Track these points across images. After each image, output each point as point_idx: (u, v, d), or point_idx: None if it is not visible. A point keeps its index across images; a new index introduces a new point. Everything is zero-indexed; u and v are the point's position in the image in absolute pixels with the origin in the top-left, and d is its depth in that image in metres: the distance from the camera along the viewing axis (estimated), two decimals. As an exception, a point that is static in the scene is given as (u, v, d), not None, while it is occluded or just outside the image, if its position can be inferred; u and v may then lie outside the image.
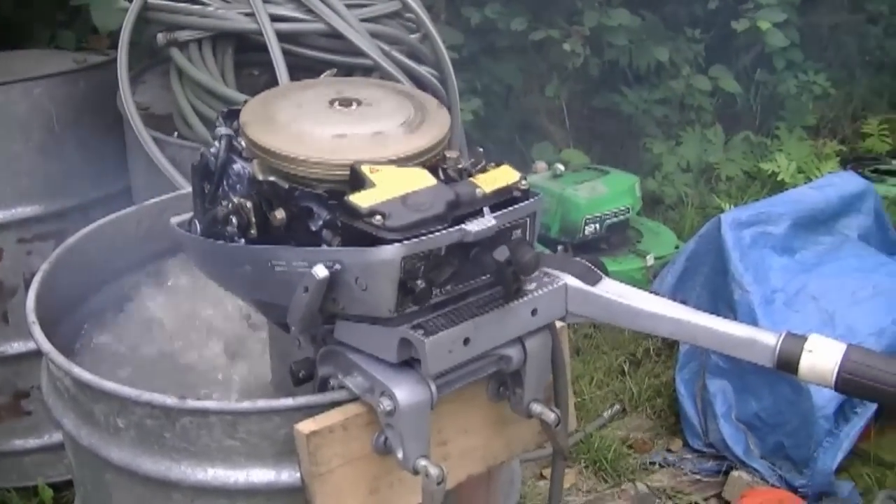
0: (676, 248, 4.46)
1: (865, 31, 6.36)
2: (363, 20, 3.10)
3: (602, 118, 5.67)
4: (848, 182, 4.00)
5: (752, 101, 5.84)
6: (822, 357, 1.51)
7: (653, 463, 3.63)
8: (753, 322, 3.34)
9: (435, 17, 4.51)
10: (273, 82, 2.90)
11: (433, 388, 1.56)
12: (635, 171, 4.96)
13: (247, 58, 3.16)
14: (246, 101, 1.75)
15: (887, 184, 5.24)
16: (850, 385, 1.51)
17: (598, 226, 4.47)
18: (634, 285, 1.68)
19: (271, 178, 1.60)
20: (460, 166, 1.62)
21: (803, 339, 1.53)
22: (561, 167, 4.65)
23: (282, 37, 2.99)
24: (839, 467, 3.32)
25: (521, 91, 5.57)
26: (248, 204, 1.61)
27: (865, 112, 6.24)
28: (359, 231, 1.47)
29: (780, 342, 1.54)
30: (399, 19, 3.29)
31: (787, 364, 1.53)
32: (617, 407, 3.88)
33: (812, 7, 6.03)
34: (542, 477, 3.48)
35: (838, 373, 1.50)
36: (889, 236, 4.04)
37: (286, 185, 1.58)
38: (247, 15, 3.02)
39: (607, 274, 1.70)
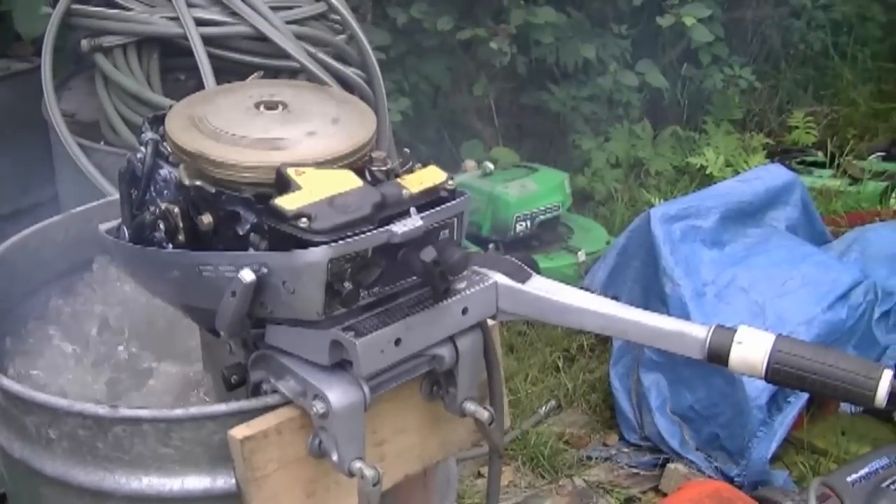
0: (607, 243, 4.47)
1: (789, 25, 6.42)
2: (288, 22, 3.10)
3: (530, 116, 5.67)
4: (775, 174, 4.03)
5: (679, 96, 5.86)
6: (751, 348, 1.53)
7: (589, 458, 3.63)
8: (685, 315, 3.36)
9: (361, 17, 4.51)
10: (200, 87, 2.89)
11: (366, 389, 1.56)
12: (565, 167, 4.97)
13: (173, 62, 3.15)
14: (171, 106, 1.74)
15: (813, 175, 5.30)
16: (779, 375, 1.52)
17: (528, 223, 4.47)
18: (566, 282, 1.69)
19: (198, 183, 1.59)
20: (387, 167, 1.62)
21: (732, 330, 1.55)
22: (490, 165, 4.64)
23: (207, 40, 2.98)
24: (774, 456, 3.34)
25: (449, 90, 5.56)
26: (176, 209, 1.61)
27: (791, 105, 6.29)
28: (285, 234, 1.47)
29: (709, 335, 1.56)
30: (325, 21, 3.29)
31: (717, 356, 1.55)
32: (552, 403, 3.88)
33: (736, 2, 6.08)
34: (479, 475, 3.48)
35: (768, 363, 1.52)
36: (816, 227, 4.08)
37: (213, 190, 1.57)
38: (171, 19, 3.01)
39: (539, 271, 1.71)
